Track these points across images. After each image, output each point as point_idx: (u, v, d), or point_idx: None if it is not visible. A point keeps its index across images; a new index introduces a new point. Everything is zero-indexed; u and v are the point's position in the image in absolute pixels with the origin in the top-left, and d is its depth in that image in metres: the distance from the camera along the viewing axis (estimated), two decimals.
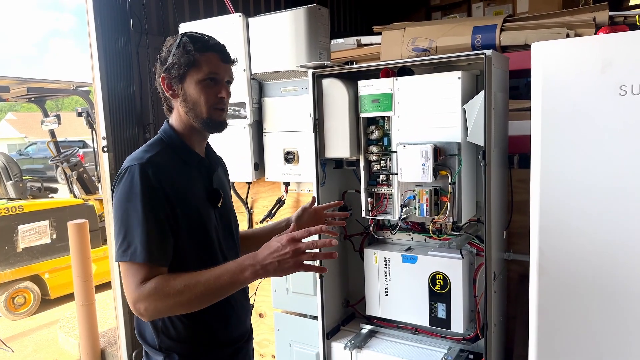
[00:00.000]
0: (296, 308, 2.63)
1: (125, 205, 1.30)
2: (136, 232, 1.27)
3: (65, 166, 6.14)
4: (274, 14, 2.49)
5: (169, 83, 1.43)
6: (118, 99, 3.15)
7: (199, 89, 1.40)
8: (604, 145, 1.52)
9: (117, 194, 1.32)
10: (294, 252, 1.21)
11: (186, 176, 1.43)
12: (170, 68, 1.40)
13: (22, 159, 15.88)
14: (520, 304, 2.21)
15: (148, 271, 1.27)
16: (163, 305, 1.25)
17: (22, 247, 5.28)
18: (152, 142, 1.45)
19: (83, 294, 4.09)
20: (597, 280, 1.57)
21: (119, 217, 1.31)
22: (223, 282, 1.24)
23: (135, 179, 1.29)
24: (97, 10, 3.02)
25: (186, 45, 1.39)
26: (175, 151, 1.44)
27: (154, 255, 1.28)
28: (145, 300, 1.24)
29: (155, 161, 1.35)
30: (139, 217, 1.28)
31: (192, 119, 1.43)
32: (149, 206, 1.29)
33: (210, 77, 1.41)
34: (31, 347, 4.72)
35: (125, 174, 1.32)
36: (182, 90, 1.42)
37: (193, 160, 1.47)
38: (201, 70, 1.39)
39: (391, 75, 2.07)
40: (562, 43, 1.58)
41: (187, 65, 1.39)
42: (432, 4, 5.43)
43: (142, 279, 1.26)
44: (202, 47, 1.40)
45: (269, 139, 2.68)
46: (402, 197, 2.04)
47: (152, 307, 1.25)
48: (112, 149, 3.14)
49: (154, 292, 1.24)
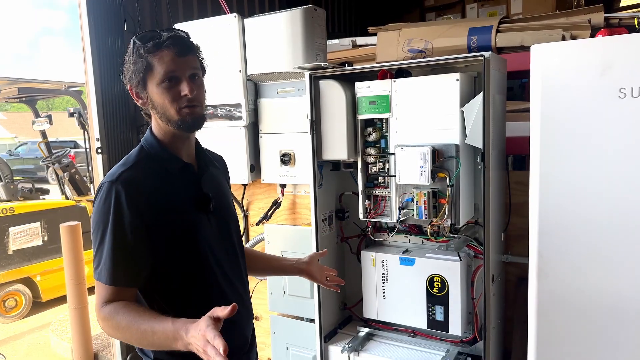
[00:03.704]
0: (293, 311, 2.61)
1: (97, 224, 1.31)
2: (105, 253, 1.29)
3: (57, 167, 6.07)
4: (270, 14, 2.47)
5: (136, 92, 1.38)
6: (112, 100, 3.12)
7: (160, 92, 1.33)
8: (603, 148, 1.52)
9: (93, 211, 1.34)
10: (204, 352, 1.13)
11: (169, 186, 1.39)
12: (131, 77, 1.35)
13: (13, 160, 15.70)
14: (518, 307, 2.21)
15: (111, 292, 1.29)
16: (112, 332, 1.30)
17: (13, 249, 5.21)
18: (132, 153, 1.43)
19: (76, 297, 4.04)
20: (596, 284, 1.57)
21: (93, 234, 1.33)
22: (156, 339, 1.22)
23: (107, 199, 1.30)
24: (90, 10, 2.99)
25: (139, 49, 1.32)
26: (155, 160, 1.40)
27: (119, 278, 1.29)
28: (102, 321, 1.29)
29: (129, 178, 1.32)
30: (108, 238, 1.29)
31: (166, 123, 1.38)
32: (118, 227, 1.29)
33: (169, 78, 1.33)
34: (23, 350, 4.67)
35: (99, 191, 1.33)
36: (148, 96, 1.36)
37: (175, 167, 1.43)
38: (156, 72, 1.32)
39: (389, 76, 2.06)
40: (561, 45, 1.58)
41: (143, 70, 1.32)
42: (426, 5, 5.43)
43: (105, 299, 1.29)
44: (153, 47, 1.31)
45: (265, 140, 2.66)
46: (399, 199, 2.03)
47: (107, 330, 1.31)
48: (106, 150, 3.10)
49: (107, 318, 1.28)
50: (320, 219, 2.26)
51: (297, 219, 2.71)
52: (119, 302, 1.29)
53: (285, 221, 2.74)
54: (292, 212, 2.72)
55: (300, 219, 2.70)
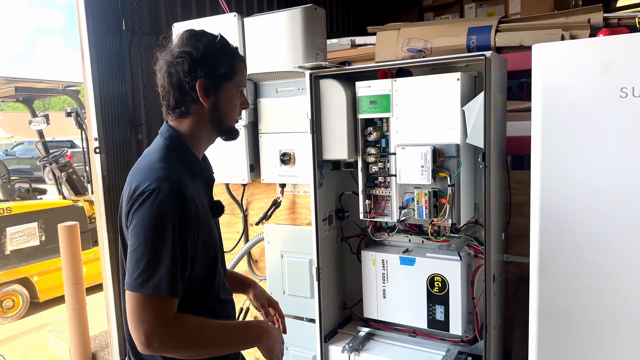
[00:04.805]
0: (292, 311, 2.61)
1: (153, 231, 1.20)
2: (163, 263, 1.19)
3: (54, 167, 6.04)
4: (270, 13, 2.46)
5: (205, 88, 1.34)
6: (110, 99, 3.10)
7: (233, 99, 1.40)
8: (604, 147, 1.52)
9: (143, 217, 1.21)
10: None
11: (198, 190, 1.37)
12: (210, 74, 1.33)
13: (9, 159, 15.63)
14: (518, 306, 2.22)
15: (170, 305, 1.21)
16: (192, 344, 1.23)
17: (11, 249, 5.19)
18: (163, 153, 1.33)
19: (74, 297, 4.02)
20: (597, 283, 1.57)
21: (142, 242, 1.20)
22: (240, 337, 1.37)
23: (167, 205, 1.21)
24: (88, 9, 2.98)
25: (227, 53, 1.37)
26: (183, 161, 1.36)
27: (178, 289, 1.22)
28: (166, 335, 1.19)
29: (184, 182, 1.26)
30: (169, 248, 1.20)
31: (216, 126, 1.40)
32: (180, 236, 1.22)
33: (241, 89, 1.43)
34: (20, 351, 4.64)
35: (152, 195, 1.21)
36: (216, 97, 1.36)
37: (198, 170, 1.41)
38: (236, 80, 1.39)
39: (389, 76, 2.05)
40: (562, 45, 1.58)
41: (225, 73, 1.35)
42: (425, 5, 5.43)
43: (166, 313, 1.20)
44: (239, 57, 1.40)
45: (265, 140, 2.65)
46: (400, 199, 2.02)
47: (168, 346, 1.21)
48: (104, 150, 3.09)
49: (188, 328, 1.23)
50: (320, 218, 2.26)
51: (296, 218, 2.70)
52: (187, 316, 1.24)
53: (285, 221, 2.73)
54: (292, 212, 2.71)
55: (300, 218, 2.69)
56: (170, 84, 1.33)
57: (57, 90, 6.12)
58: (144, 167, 1.30)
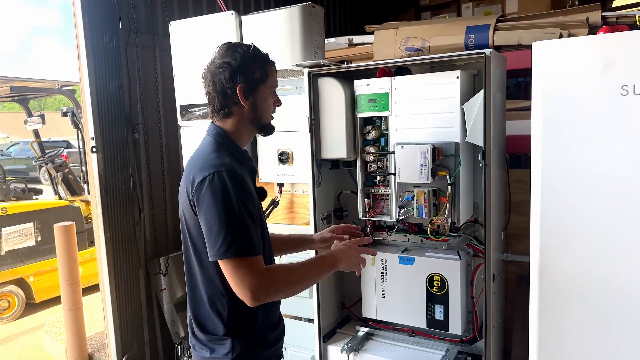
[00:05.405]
0: (291, 311, 2.59)
1: (222, 207, 1.40)
2: (241, 230, 1.41)
3: (50, 167, 6.01)
4: (268, 12, 2.45)
5: (244, 92, 1.54)
6: (106, 98, 3.07)
7: (268, 98, 1.60)
8: (605, 145, 1.51)
9: (209, 197, 1.41)
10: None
11: (245, 175, 1.56)
12: (248, 80, 1.53)
13: (4, 160, 15.55)
14: (518, 305, 2.21)
15: (258, 261, 1.42)
16: (286, 285, 1.47)
17: (6, 249, 5.15)
18: (214, 147, 1.54)
19: (70, 298, 3.99)
20: (598, 282, 1.56)
21: (216, 218, 1.40)
22: (322, 269, 1.59)
23: (226, 183, 1.42)
24: (84, 7, 2.94)
25: (260, 59, 1.56)
26: (232, 154, 1.55)
27: (257, 247, 1.44)
28: (265, 285, 1.40)
29: (235, 167, 1.48)
30: (238, 216, 1.41)
31: (255, 124, 1.60)
32: (244, 204, 1.43)
33: (274, 90, 1.63)
34: (16, 352, 4.61)
35: (213, 179, 1.42)
36: (253, 99, 1.56)
37: (244, 159, 1.62)
38: (270, 82, 1.59)
39: (388, 74, 2.04)
40: (563, 42, 1.57)
41: (260, 77, 1.55)
42: (422, 4, 5.42)
43: (258, 268, 1.40)
44: (270, 62, 1.60)
45: (263, 139, 2.63)
46: (399, 198, 2.01)
47: (271, 292, 1.43)
48: (101, 149, 3.06)
49: (278, 274, 1.46)
50: (319, 218, 2.25)
51: (295, 218, 2.69)
52: (274, 265, 1.56)
53: (283, 220, 2.72)
54: (290, 211, 2.70)
55: (298, 218, 2.68)
56: (215, 91, 1.54)
57: (52, 89, 6.09)
58: (200, 160, 1.51)
